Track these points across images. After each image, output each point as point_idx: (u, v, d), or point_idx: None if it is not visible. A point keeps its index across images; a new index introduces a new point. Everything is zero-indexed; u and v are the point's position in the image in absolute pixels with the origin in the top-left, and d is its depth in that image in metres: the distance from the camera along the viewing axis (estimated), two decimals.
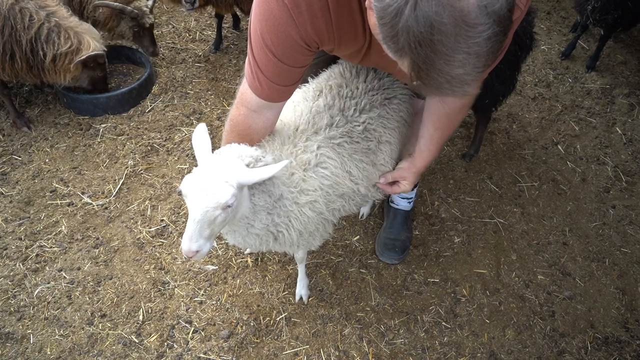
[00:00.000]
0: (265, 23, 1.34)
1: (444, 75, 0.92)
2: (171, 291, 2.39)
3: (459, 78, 0.92)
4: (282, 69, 1.43)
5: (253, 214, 1.58)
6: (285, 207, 1.64)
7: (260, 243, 1.71)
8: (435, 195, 2.88)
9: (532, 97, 3.57)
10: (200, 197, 1.36)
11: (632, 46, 4.04)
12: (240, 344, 2.20)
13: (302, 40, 1.36)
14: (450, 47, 0.87)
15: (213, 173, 1.39)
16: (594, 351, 2.24)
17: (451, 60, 0.89)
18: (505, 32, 0.89)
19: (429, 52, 0.89)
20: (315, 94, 1.84)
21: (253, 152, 1.54)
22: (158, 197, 2.82)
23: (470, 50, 0.88)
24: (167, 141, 3.16)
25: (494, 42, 0.88)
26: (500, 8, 0.86)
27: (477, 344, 2.25)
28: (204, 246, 1.40)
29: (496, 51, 0.91)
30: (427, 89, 0.98)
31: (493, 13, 0.85)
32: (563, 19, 4.35)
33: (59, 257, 2.52)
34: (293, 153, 1.68)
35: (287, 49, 1.38)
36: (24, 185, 2.88)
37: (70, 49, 2.87)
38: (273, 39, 1.36)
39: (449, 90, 0.96)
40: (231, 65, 3.81)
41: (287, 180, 1.64)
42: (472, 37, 0.86)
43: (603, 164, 3.10)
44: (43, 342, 2.20)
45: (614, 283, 2.49)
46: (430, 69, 0.91)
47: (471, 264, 2.55)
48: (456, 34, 0.86)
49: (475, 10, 0.84)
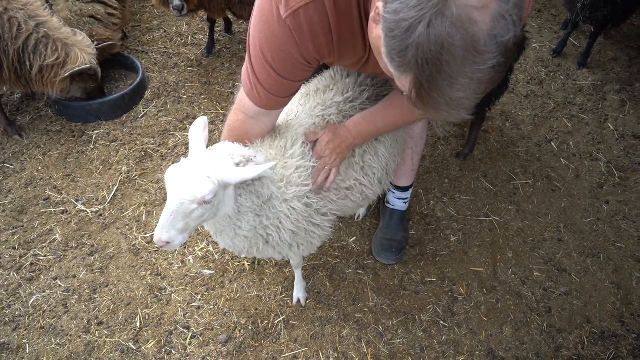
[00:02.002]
0: (267, 41, 1.35)
1: (444, 97, 0.94)
2: (168, 297, 2.38)
3: (458, 102, 0.94)
4: (282, 83, 1.45)
5: (238, 215, 1.55)
6: (275, 208, 1.62)
7: (250, 246, 1.68)
8: (430, 195, 2.89)
9: (525, 95, 3.59)
10: (179, 188, 1.34)
11: (622, 42, 4.07)
12: (239, 348, 2.20)
13: (302, 58, 1.37)
14: (456, 69, 0.89)
15: (197, 166, 1.38)
16: (590, 346, 2.25)
17: (454, 82, 0.91)
18: (507, 63, 0.92)
19: (434, 72, 0.90)
20: (303, 95, 1.87)
21: (245, 152, 1.54)
22: (153, 203, 2.81)
23: (473, 75, 0.90)
24: (161, 146, 3.15)
25: (497, 71, 0.91)
26: (509, 40, 0.88)
27: (475, 341, 2.25)
28: (175, 238, 1.37)
29: (496, 80, 0.94)
30: (425, 108, 0.99)
31: (502, 44, 0.88)
32: (554, 17, 4.38)
33: (53, 265, 2.50)
34: (271, 145, 1.69)
35: (287, 65, 1.39)
36: (16, 193, 2.86)
37: (57, 62, 2.82)
38: (274, 57, 1.37)
39: (446, 112, 0.98)
40: (224, 69, 3.81)
41: (275, 176, 1.63)
42: (478, 64, 0.89)
43: (596, 160, 3.12)
44: (39, 351, 2.18)
45: (609, 278, 2.51)
46: (432, 88, 0.93)
47: (468, 263, 2.56)
48: (464, 57, 0.88)
49: (485, 38, 0.87)
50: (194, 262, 2.52)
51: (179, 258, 2.54)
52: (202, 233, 2.65)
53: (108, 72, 3.66)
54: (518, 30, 0.89)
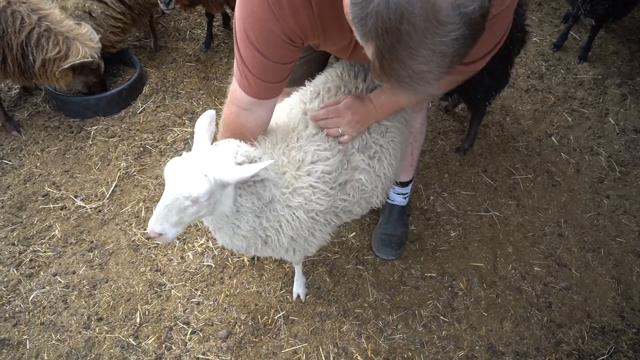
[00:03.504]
0: (248, 20, 1.32)
1: (406, 69, 0.90)
2: (168, 293, 2.38)
3: (421, 75, 0.91)
4: (268, 66, 1.41)
5: (237, 214, 1.53)
6: (276, 212, 1.60)
7: (249, 245, 1.67)
8: (430, 190, 2.88)
9: (525, 89, 3.57)
10: (175, 183, 1.34)
11: (623, 36, 4.05)
12: (239, 343, 2.20)
13: (285, 35, 1.33)
14: (417, 40, 0.86)
15: (196, 163, 1.36)
16: (590, 340, 2.25)
17: (415, 54, 0.88)
18: (474, 37, 0.88)
19: (394, 42, 0.87)
20: (313, 96, 1.79)
21: (250, 152, 1.50)
22: (152, 199, 2.80)
23: (435, 48, 0.87)
24: (159, 142, 3.13)
25: (462, 44, 0.87)
26: (473, 11, 0.84)
27: (475, 336, 2.26)
28: (168, 231, 1.36)
29: (463, 54, 0.90)
30: (389, 81, 0.96)
31: (465, 15, 0.84)
32: (554, 10, 4.35)
33: (53, 261, 2.50)
34: (285, 153, 1.65)
35: (270, 45, 1.36)
36: (15, 190, 2.85)
37: (59, 55, 2.82)
38: (257, 36, 1.34)
39: (409, 85, 0.94)
40: (222, 63, 3.78)
41: (279, 180, 1.60)
42: (440, 35, 0.85)
43: (597, 155, 3.11)
44: (40, 347, 2.18)
45: (609, 273, 2.50)
46: (394, 59, 0.90)
47: (468, 258, 2.56)
48: (424, 28, 0.84)
49: (447, 7, 0.83)
50: (193, 258, 2.52)
51: (179, 254, 2.54)
52: (202, 229, 2.65)
53: (106, 67, 3.62)
54: (485, 1, 0.86)
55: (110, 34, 3.30)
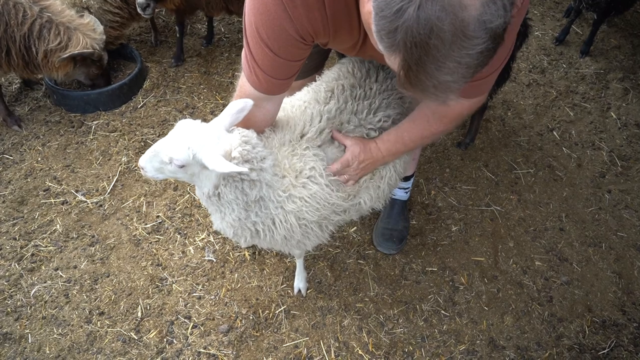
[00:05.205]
0: (260, 17, 1.32)
1: (432, 80, 0.94)
2: (169, 287, 2.39)
3: (446, 85, 0.95)
4: (279, 63, 1.42)
5: (221, 201, 1.57)
6: (268, 209, 1.61)
7: (236, 234, 1.69)
8: (431, 184, 2.88)
9: (527, 84, 3.56)
10: (169, 138, 1.47)
11: (625, 30, 4.02)
12: (240, 337, 2.20)
13: (297, 34, 1.34)
14: (444, 53, 0.89)
15: (191, 134, 1.45)
16: (591, 335, 2.25)
17: (442, 66, 0.91)
18: (496, 48, 0.93)
19: (423, 55, 0.90)
20: (327, 95, 1.76)
21: (249, 152, 1.49)
22: (153, 194, 2.80)
23: (461, 60, 0.91)
24: (160, 137, 3.12)
25: (485, 56, 0.92)
26: (498, 26, 0.88)
27: (476, 331, 2.26)
28: (149, 171, 1.50)
29: (484, 64, 0.94)
30: (413, 90, 1.00)
31: (490, 30, 0.88)
32: (556, 4, 4.33)
33: (54, 256, 2.50)
34: (288, 157, 1.64)
35: (282, 43, 1.36)
36: (16, 184, 2.85)
37: (60, 46, 2.82)
38: (269, 33, 1.34)
39: (433, 95, 0.98)
40: (223, 58, 3.77)
41: (276, 182, 1.60)
42: (467, 48, 0.89)
43: (598, 149, 3.10)
44: (41, 341, 2.19)
45: (610, 267, 2.50)
46: (420, 71, 0.93)
47: (469, 252, 2.56)
48: (452, 42, 0.88)
49: (474, 23, 0.86)
50: (194, 253, 2.52)
51: (180, 248, 2.54)
52: (203, 224, 2.65)
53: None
54: (508, 16, 0.89)
55: (109, 28, 3.29)
